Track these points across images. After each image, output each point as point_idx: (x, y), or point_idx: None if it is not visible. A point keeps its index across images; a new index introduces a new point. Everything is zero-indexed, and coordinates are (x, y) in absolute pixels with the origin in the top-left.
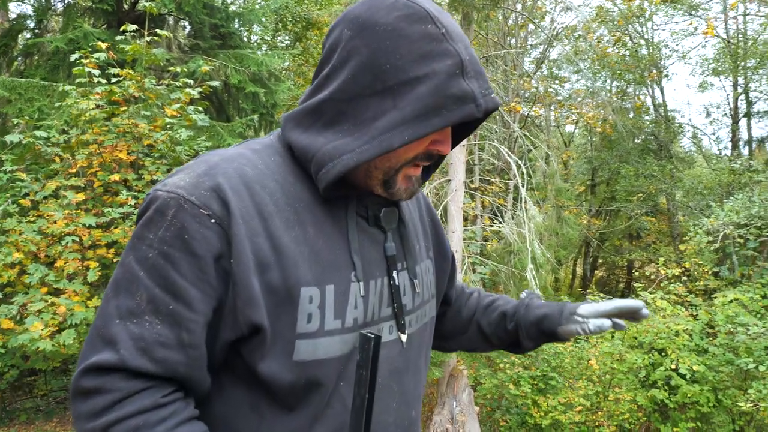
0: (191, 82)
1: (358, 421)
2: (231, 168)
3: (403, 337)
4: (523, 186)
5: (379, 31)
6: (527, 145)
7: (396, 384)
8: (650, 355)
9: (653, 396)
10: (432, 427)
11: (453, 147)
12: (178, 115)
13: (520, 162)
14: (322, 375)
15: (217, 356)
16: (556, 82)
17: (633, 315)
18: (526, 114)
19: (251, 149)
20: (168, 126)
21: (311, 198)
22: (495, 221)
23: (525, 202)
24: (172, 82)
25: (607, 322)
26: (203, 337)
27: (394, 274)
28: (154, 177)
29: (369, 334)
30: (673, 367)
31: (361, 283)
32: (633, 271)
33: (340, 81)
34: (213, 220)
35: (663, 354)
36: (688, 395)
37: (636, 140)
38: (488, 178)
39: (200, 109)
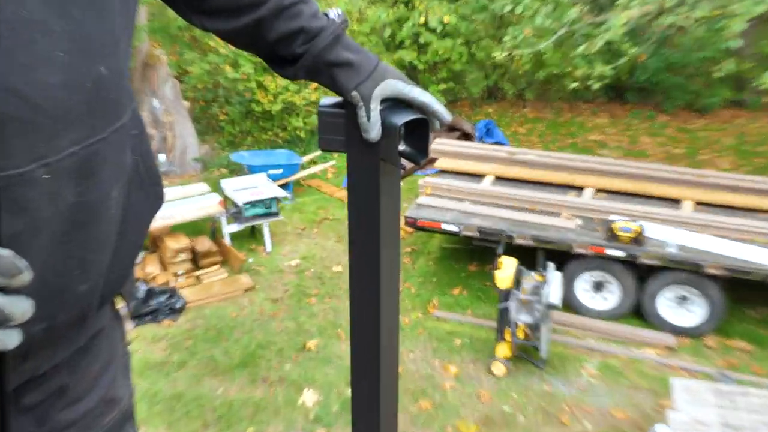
0: None
1: None
2: None
3: None
4: None
5: None
6: None
7: (60, 20)
8: (395, 8)
9: (400, 58)
10: None
11: None
12: None
13: None
14: None
15: None
16: None
17: (432, 116)
18: None
19: None
20: None
21: None
22: None
23: None
24: None
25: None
26: None
27: None
28: None
29: None
30: (422, 20)
31: None
32: None
33: None
34: None
35: (410, 6)
36: (440, 52)
37: None
38: None
39: None
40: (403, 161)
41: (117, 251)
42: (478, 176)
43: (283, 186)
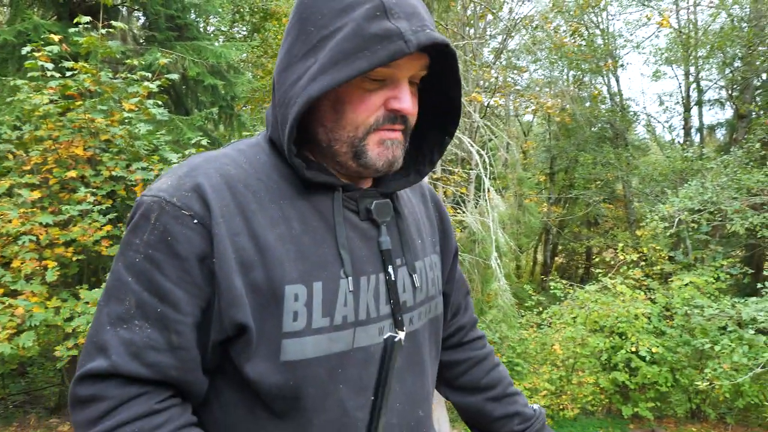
0: (149, 75)
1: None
2: (212, 168)
3: (401, 335)
4: (485, 175)
5: (306, 1)
6: (488, 135)
7: (398, 384)
8: (611, 338)
9: (614, 378)
10: None
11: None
12: (136, 109)
13: (481, 151)
14: (312, 376)
15: (210, 358)
16: (515, 71)
17: None
18: (486, 104)
19: (237, 149)
20: (126, 120)
21: (296, 194)
22: (458, 211)
23: (488, 191)
24: (129, 75)
25: None
26: (193, 339)
27: (390, 269)
28: (113, 173)
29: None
30: (633, 349)
31: (350, 278)
32: (592, 256)
33: (279, 58)
34: (195, 221)
35: (623, 337)
36: (648, 376)
37: (593, 129)
38: (450, 168)
39: (159, 102)
40: None
41: None
42: None
43: None
